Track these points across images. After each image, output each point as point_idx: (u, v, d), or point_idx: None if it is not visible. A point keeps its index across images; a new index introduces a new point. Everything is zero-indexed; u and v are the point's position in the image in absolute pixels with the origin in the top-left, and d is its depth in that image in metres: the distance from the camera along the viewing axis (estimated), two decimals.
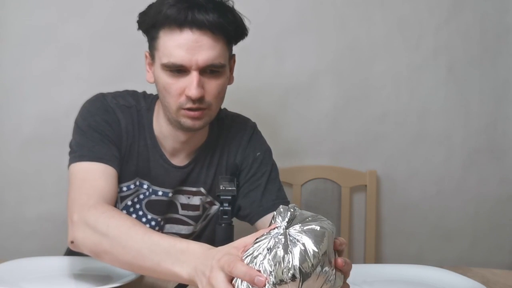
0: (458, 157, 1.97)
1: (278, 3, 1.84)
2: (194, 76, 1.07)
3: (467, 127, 1.97)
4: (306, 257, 0.68)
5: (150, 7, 1.12)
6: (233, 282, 0.72)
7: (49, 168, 1.75)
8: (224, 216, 1.07)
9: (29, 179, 1.76)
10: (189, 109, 1.10)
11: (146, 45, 1.17)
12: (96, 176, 1.10)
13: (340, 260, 0.73)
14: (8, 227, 1.76)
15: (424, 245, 1.98)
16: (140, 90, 1.29)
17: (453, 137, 1.97)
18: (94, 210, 1.01)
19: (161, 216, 1.24)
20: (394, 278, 1.16)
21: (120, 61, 1.76)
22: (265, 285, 0.69)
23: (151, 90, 1.27)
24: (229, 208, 1.07)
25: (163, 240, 0.88)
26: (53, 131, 1.74)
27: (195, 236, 1.30)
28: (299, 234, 0.71)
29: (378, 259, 1.93)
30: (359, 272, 1.08)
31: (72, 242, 1.02)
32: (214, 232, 1.15)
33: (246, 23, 1.15)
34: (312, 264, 0.68)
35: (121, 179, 1.18)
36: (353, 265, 0.79)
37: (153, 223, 1.23)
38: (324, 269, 0.70)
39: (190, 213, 1.26)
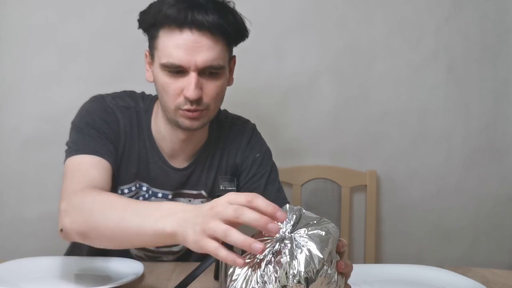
0: (458, 157, 1.97)
1: (278, 3, 1.84)
2: (192, 77, 1.07)
3: (467, 127, 1.97)
4: (311, 262, 0.69)
5: (151, 6, 1.12)
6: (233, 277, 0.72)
7: (49, 168, 1.74)
8: None
9: (29, 179, 1.76)
10: (187, 110, 1.10)
11: (145, 45, 1.17)
12: (89, 166, 1.09)
13: (340, 264, 0.73)
14: (8, 227, 1.76)
15: (424, 245, 1.98)
16: (139, 90, 1.29)
17: (453, 137, 1.97)
18: (80, 193, 0.99)
19: None
20: (394, 278, 1.16)
21: (120, 61, 1.76)
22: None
23: (150, 90, 1.27)
24: None
25: (149, 203, 0.87)
26: (53, 131, 1.74)
27: None
28: (304, 239, 0.71)
29: (378, 259, 1.93)
30: (359, 272, 1.07)
31: (61, 230, 1.00)
32: None
33: (247, 24, 1.15)
34: (317, 270, 0.69)
35: (122, 181, 1.19)
36: (353, 265, 0.79)
37: None
38: (328, 273, 0.70)
39: None
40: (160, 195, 1.22)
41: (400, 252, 1.97)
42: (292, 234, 0.72)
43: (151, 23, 1.10)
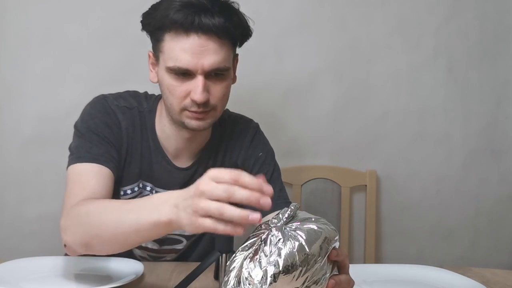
0: (458, 157, 1.97)
1: (278, 3, 1.84)
2: (199, 80, 1.07)
3: (467, 127, 1.97)
4: (296, 253, 0.68)
5: (155, 8, 1.11)
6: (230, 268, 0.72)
7: (49, 168, 1.74)
8: None
9: (29, 179, 1.76)
10: (194, 112, 1.10)
11: (146, 45, 1.17)
12: (89, 177, 1.09)
13: (333, 251, 0.73)
14: (8, 227, 1.76)
15: (424, 245, 1.98)
16: (140, 90, 1.29)
17: (453, 137, 1.97)
18: (76, 206, 1.00)
19: None
20: (394, 278, 1.16)
21: (120, 61, 1.76)
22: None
23: (152, 90, 1.27)
24: None
25: (140, 200, 0.88)
26: (53, 131, 1.74)
27: (197, 237, 1.30)
28: (293, 232, 0.71)
29: (378, 259, 1.93)
30: (359, 272, 1.08)
31: (65, 245, 1.01)
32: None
33: (250, 24, 1.15)
34: (299, 262, 0.68)
35: (124, 182, 1.19)
36: (353, 265, 0.79)
37: None
38: (310, 269, 0.70)
39: None
40: None
41: (400, 252, 1.97)
42: (284, 226, 0.72)
43: (156, 27, 1.09)
